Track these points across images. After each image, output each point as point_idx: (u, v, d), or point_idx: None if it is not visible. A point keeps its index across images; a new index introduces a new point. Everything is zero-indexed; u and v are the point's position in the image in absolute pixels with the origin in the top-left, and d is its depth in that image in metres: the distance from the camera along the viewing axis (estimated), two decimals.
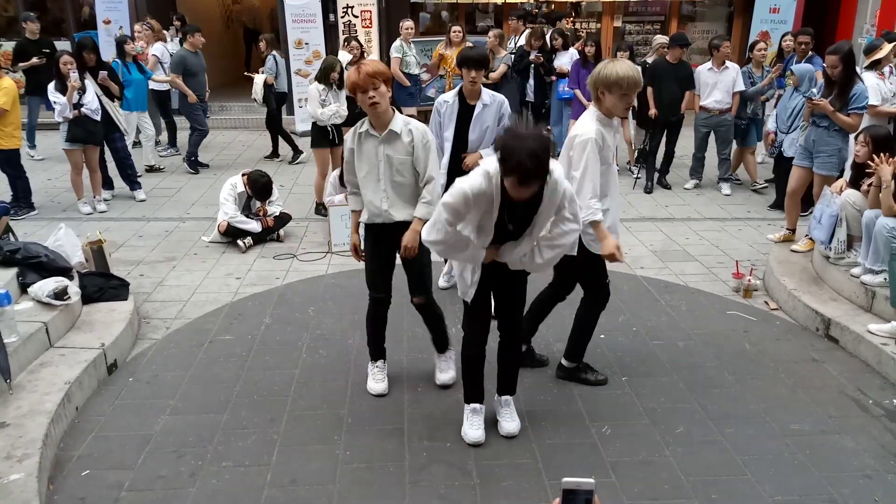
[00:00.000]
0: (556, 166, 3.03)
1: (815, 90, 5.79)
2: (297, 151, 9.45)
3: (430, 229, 3.16)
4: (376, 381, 3.98)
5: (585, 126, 3.49)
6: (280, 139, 9.52)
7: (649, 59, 8.40)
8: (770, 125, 7.08)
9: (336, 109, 6.82)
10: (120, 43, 8.54)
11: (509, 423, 3.58)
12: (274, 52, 9.29)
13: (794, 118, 6.49)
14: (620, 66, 3.43)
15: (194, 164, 8.92)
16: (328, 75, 6.81)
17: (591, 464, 3.37)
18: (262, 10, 15.56)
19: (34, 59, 8.98)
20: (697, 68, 7.83)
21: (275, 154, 9.60)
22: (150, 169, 8.82)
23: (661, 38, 8.63)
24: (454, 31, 8.92)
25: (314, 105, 6.77)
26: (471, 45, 6.64)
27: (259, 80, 9.03)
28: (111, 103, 7.42)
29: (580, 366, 4.07)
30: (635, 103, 8.31)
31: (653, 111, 7.81)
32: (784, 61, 7.80)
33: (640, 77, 3.49)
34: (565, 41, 9.02)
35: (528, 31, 9.19)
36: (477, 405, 3.60)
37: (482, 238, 3.17)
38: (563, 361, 4.08)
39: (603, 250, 3.47)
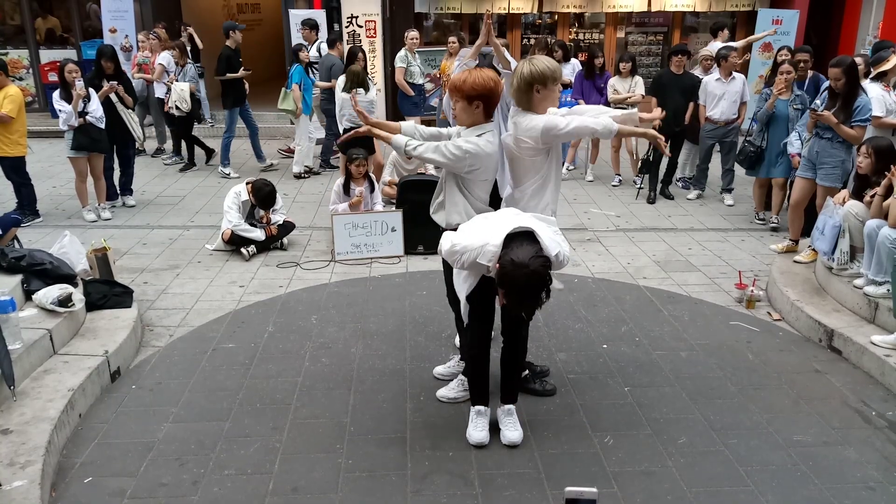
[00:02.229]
0: (552, 247, 3.06)
1: (818, 101, 5.81)
2: (209, 152, 9.61)
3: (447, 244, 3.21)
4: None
5: (535, 117, 3.45)
6: (189, 145, 9.58)
7: (695, 72, 8.23)
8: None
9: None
10: (295, 51, 8.95)
11: (512, 432, 3.58)
12: (189, 61, 9.33)
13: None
14: (545, 59, 3.47)
15: (328, 164, 9.47)
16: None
17: (593, 474, 3.36)
18: None
19: (241, 72, 8.98)
20: (705, 79, 7.84)
21: (191, 163, 9.52)
22: (269, 167, 9.31)
23: (706, 51, 8.54)
24: (450, 42, 9.09)
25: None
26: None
27: (185, 87, 8.95)
28: (126, 111, 7.50)
29: (527, 376, 4.08)
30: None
31: (657, 122, 7.81)
32: (795, 83, 7.04)
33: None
34: (566, 53, 9.07)
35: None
36: (482, 407, 3.63)
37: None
38: None
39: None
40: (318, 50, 9.54)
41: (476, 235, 3.10)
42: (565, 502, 1.38)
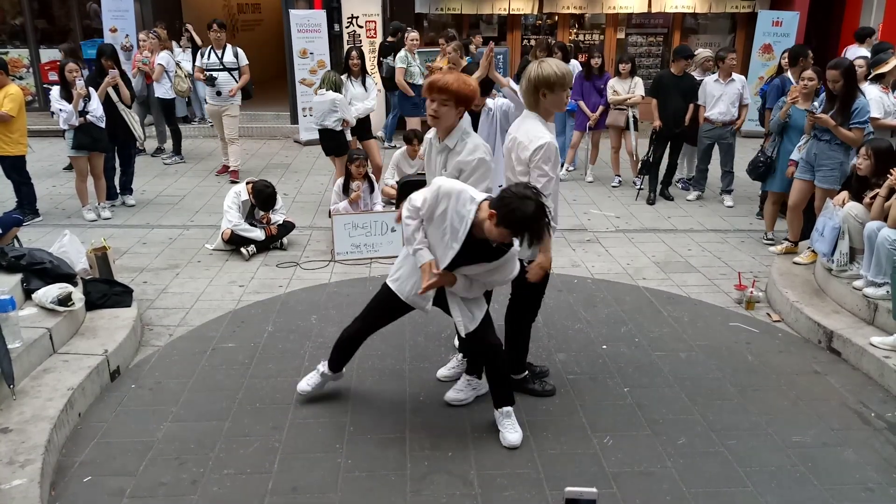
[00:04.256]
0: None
1: (816, 104, 5.81)
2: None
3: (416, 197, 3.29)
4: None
5: (539, 131, 3.45)
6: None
7: (695, 74, 8.20)
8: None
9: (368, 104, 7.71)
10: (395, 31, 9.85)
11: (511, 433, 3.58)
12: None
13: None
14: (555, 64, 3.44)
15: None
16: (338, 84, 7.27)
17: (593, 474, 3.36)
18: None
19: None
20: (704, 80, 7.85)
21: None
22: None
23: (706, 52, 8.54)
24: (441, 43, 9.17)
25: (345, 111, 7.24)
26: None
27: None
28: (127, 110, 7.49)
29: (526, 376, 4.07)
30: (635, 114, 8.51)
31: (657, 123, 7.84)
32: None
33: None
34: (565, 54, 9.08)
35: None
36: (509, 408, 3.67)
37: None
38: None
39: (542, 263, 3.51)
40: (235, 55, 8.81)
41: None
42: (565, 502, 1.38)
